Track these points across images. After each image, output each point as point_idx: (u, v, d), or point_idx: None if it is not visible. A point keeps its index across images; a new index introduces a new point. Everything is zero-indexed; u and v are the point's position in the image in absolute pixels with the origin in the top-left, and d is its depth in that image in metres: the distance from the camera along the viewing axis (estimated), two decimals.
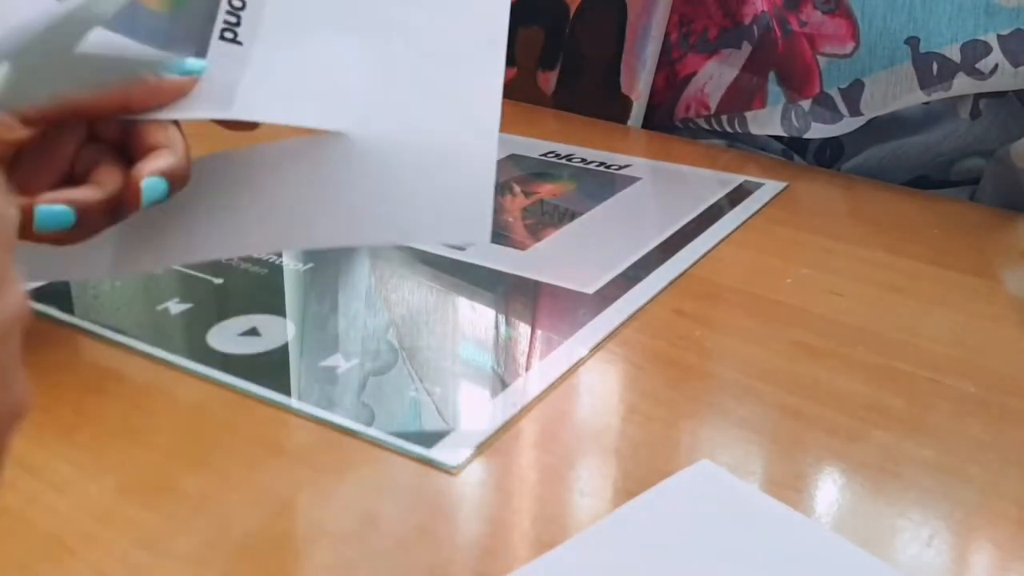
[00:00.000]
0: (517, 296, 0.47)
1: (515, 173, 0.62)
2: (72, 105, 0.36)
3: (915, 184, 0.64)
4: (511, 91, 0.77)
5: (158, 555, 0.30)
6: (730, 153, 0.69)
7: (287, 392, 0.38)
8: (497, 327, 0.44)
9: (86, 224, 0.35)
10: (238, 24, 0.38)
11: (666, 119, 0.74)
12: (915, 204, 0.59)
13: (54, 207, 0.34)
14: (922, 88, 0.58)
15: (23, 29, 0.32)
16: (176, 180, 0.36)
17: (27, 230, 0.33)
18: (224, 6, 0.38)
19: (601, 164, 0.64)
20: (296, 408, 0.37)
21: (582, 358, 0.41)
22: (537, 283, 0.48)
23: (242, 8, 0.38)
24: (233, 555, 0.30)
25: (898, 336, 0.43)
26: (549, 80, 0.77)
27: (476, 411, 0.38)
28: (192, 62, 0.37)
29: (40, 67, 0.33)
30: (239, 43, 0.38)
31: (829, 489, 0.34)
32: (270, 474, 0.34)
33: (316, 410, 0.37)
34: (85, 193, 0.35)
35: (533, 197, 0.59)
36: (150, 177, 0.35)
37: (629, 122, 0.73)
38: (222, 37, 0.38)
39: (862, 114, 0.61)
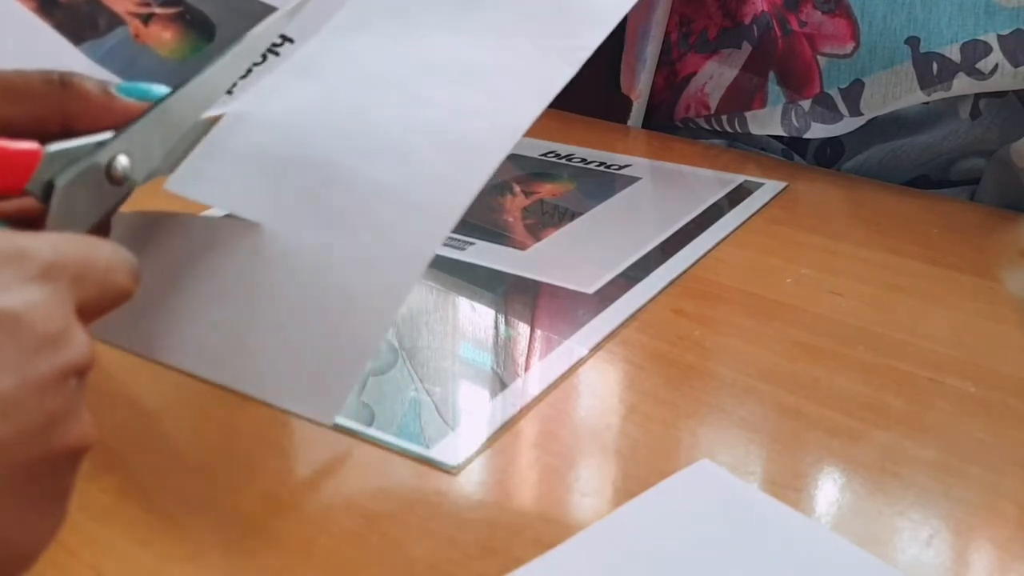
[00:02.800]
0: (517, 296, 0.47)
1: (515, 173, 0.62)
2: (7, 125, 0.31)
3: (915, 184, 0.64)
4: None
5: (158, 555, 0.30)
6: (730, 153, 0.69)
7: None
8: (497, 327, 0.44)
9: None
10: (244, 77, 0.36)
11: (666, 119, 0.74)
12: (915, 204, 0.59)
13: None
14: (922, 88, 0.58)
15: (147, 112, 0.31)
16: None
17: None
18: (245, 63, 0.35)
19: (601, 164, 0.64)
20: None
21: (582, 358, 0.41)
22: (537, 283, 0.48)
23: (260, 64, 0.36)
24: (233, 555, 0.30)
25: (898, 336, 0.43)
26: None
27: (476, 411, 0.38)
28: (156, 88, 0.33)
29: (163, 141, 0.32)
30: (230, 92, 0.36)
31: (829, 489, 0.34)
32: (270, 474, 0.34)
33: None
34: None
35: (533, 197, 0.59)
36: None
37: (629, 122, 0.73)
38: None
39: (862, 114, 0.61)
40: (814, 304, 0.46)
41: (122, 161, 0.30)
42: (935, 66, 0.57)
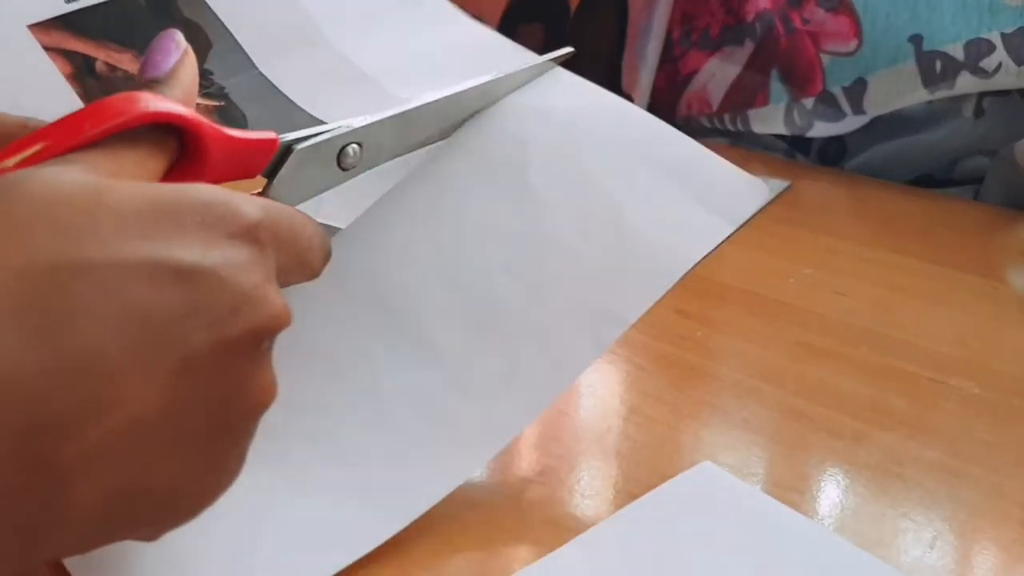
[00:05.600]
0: None
1: None
2: None
3: (919, 183, 0.64)
4: None
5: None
6: (732, 152, 0.69)
7: None
8: None
9: None
10: None
11: (668, 117, 0.73)
12: (919, 203, 0.59)
13: None
14: (925, 86, 0.57)
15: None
16: None
17: None
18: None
19: None
20: None
21: None
22: None
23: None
24: None
25: (901, 336, 0.43)
26: None
27: None
28: None
29: (393, 144, 0.33)
30: None
31: (832, 491, 0.34)
32: None
33: None
34: None
35: None
36: None
37: None
38: None
39: (865, 112, 0.61)
40: (817, 304, 0.45)
41: (354, 148, 0.31)
42: (939, 64, 0.56)
